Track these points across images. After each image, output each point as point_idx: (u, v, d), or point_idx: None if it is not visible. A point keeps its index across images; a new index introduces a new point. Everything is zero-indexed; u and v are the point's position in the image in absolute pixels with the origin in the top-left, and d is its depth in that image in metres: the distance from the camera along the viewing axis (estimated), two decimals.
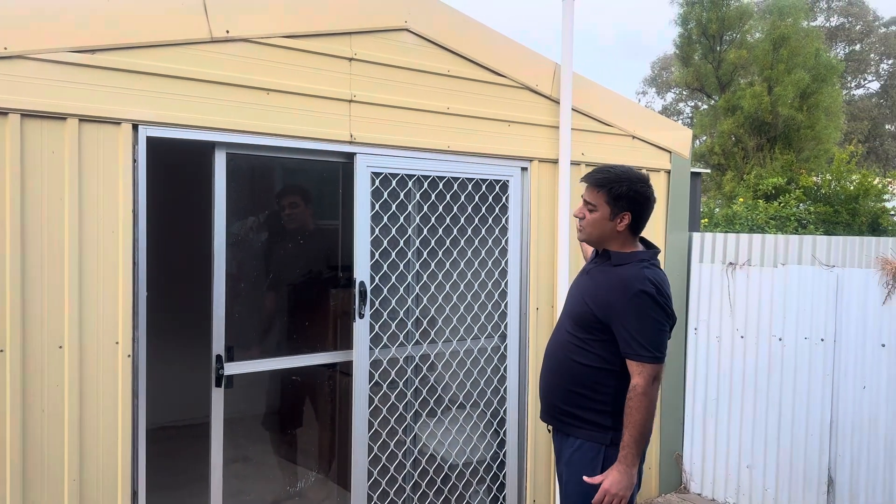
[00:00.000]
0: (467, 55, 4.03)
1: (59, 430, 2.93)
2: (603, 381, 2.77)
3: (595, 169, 2.87)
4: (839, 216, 14.96)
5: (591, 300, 2.78)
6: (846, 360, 4.51)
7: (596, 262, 2.92)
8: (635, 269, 2.74)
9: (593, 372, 2.77)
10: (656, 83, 39.70)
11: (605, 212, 2.80)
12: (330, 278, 4.24)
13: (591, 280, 2.87)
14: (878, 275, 4.35)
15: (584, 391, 2.79)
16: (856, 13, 37.64)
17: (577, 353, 2.81)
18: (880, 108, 38.00)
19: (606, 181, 2.79)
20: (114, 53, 2.99)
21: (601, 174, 2.83)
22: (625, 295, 2.68)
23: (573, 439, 2.84)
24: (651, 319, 2.67)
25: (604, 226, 2.81)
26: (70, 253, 2.92)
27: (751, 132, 18.80)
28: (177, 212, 5.09)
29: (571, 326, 2.85)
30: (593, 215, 2.82)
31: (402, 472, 4.03)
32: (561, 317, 2.99)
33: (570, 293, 2.99)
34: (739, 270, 5.02)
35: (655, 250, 2.90)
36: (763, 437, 4.85)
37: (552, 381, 2.91)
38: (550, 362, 2.94)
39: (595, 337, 2.76)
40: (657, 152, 5.03)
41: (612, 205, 2.78)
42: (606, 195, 2.78)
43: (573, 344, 2.82)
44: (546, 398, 2.96)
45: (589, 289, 2.84)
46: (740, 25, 20.05)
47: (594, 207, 2.82)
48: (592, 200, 2.82)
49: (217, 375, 3.40)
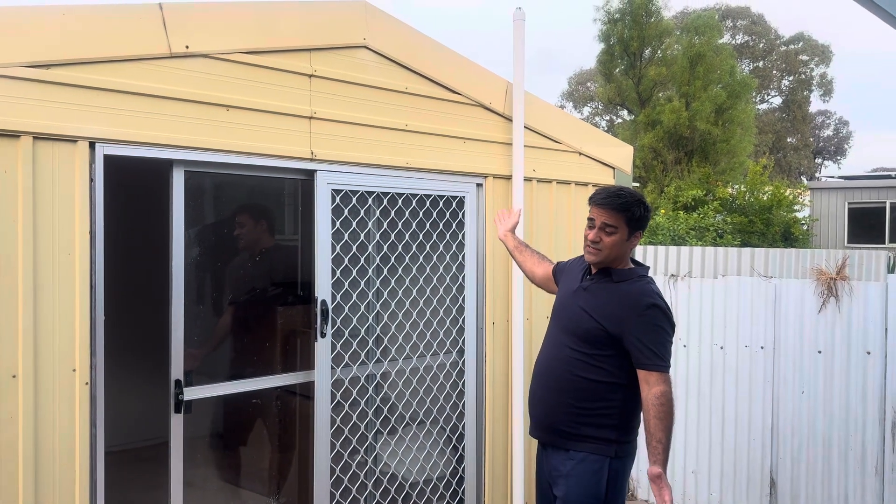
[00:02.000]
0: (424, 73, 4.05)
1: (14, 463, 2.76)
2: (610, 396, 2.85)
3: (607, 192, 2.94)
4: (754, 226, 15.71)
5: (601, 316, 2.85)
6: (785, 366, 4.73)
7: (592, 279, 2.98)
8: (641, 285, 2.88)
9: (601, 387, 2.85)
10: (573, 97, 40.73)
11: (624, 233, 2.90)
12: (290, 297, 4.16)
13: (594, 296, 2.93)
14: (813, 285, 4.59)
15: (591, 407, 2.86)
16: (759, 32, 39.70)
17: (583, 369, 2.87)
18: (783, 122, 40.11)
19: (628, 205, 2.89)
20: (69, 68, 2.87)
21: (621, 198, 2.90)
22: (636, 309, 2.80)
23: (574, 453, 2.89)
24: (662, 330, 2.80)
25: (622, 247, 2.91)
26: (24, 276, 2.77)
27: (670, 146, 19.51)
28: (134, 231, 4.92)
29: (575, 343, 2.90)
30: (613, 238, 2.89)
31: (364, 492, 3.99)
32: (553, 333, 3.04)
33: (564, 309, 3.03)
34: (681, 282, 5.20)
35: (646, 267, 3.03)
36: (707, 443, 5.03)
37: (553, 400, 2.94)
38: (548, 378, 2.97)
39: (603, 352, 2.84)
40: (602, 168, 5.16)
41: (632, 226, 2.90)
42: (626, 217, 2.89)
43: (578, 360, 2.88)
44: (545, 417, 2.98)
45: (594, 305, 2.90)
46: (660, 43, 20.82)
47: (615, 230, 2.89)
48: (613, 223, 2.88)
49: (176, 401, 3.29)
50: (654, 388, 2.75)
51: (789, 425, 4.71)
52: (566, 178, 4.83)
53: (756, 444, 4.83)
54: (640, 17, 20.33)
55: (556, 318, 3.06)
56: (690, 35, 19.95)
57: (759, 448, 4.82)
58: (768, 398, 4.80)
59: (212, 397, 3.60)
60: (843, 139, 44.84)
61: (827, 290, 4.53)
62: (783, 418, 4.73)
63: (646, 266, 3.04)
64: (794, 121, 39.91)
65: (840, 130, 44.82)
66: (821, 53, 39.20)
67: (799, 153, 40.41)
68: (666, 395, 2.74)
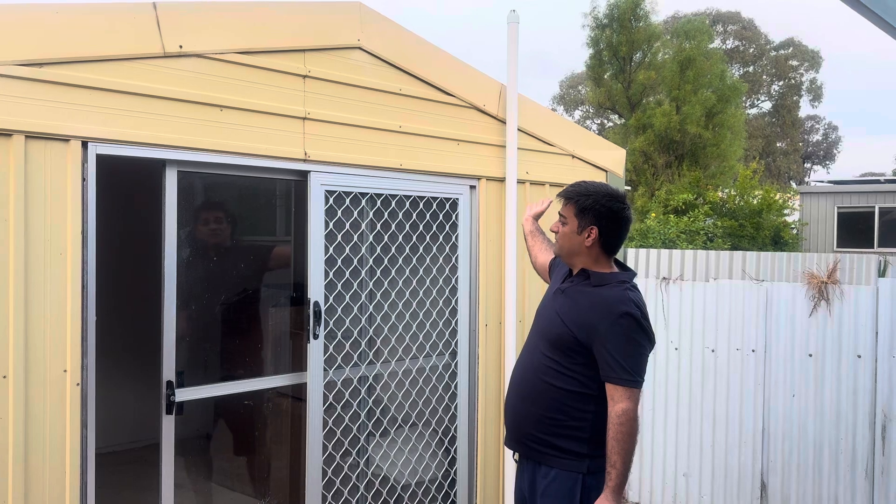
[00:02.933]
0: (418, 74, 4.05)
1: (3, 465, 2.74)
2: (581, 407, 2.66)
3: (572, 184, 2.87)
4: (744, 230, 15.78)
5: (571, 322, 2.68)
6: (776, 370, 4.75)
7: (572, 282, 2.82)
8: (618, 291, 2.68)
9: (571, 396, 2.66)
10: (565, 101, 40.86)
11: (573, 225, 2.77)
12: (282, 298, 4.15)
13: (570, 300, 2.76)
14: (804, 288, 4.61)
15: (560, 417, 2.67)
16: (749, 37, 39.94)
17: (553, 377, 2.69)
18: (772, 127, 40.36)
19: (574, 194, 2.79)
20: (62, 67, 2.85)
21: (571, 187, 2.83)
22: (608, 317, 2.60)
23: (546, 468, 2.71)
24: (635, 343, 2.60)
25: (572, 239, 2.78)
26: (15, 277, 2.75)
27: (660, 150, 19.58)
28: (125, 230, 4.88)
29: (547, 348, 2.73)
30: (564, 228, 2.80)
31: (356, 495, 3.98)
32: (531, 337, 2.88)
33: (542, 312, 2.89)
34: (673, 285, 5.22)
35: (632, 273, 2.87)
36: (698, 446, 5.04)
37: (523, 407, 2.77)
38: (521, 386, 2.79)
39: (574, 360, 2.66)
40: (594, 171, 5.16)
41: (580, 218, 2.75)
42: (574, 208, 2.77)
43: (549, 367, 2.70)
44: (516, 425, 2.80)
45: (567, 309, 2.74)
46: (649, 47, 20.91)
47: (565, 220, 2.80)
48: (564, 213, 2.81)
49: (168, 402, 3.27)
50: (616, 406, 2.55)
51: (780, 428, 4.73)
52: (559, 181, 4.83)
53: (747, 447, 4.84)
54: (628, 21, 20.41)
55: (535, 321, 2.91)
56: (681, 39, 20.05)
57: (751, 451, 4.83)
58: (759, 401, 4.81)
59: (203, 399, 3.57)
60: (832, 144, 45.15)
61: (818, 294, 4.56)
62: (774, 421, 4.75)
63: (631, 271, 2.87)
64: (783, 125, 40.16)
65: (829, 135, 45.14)
66: (811, 59, 39.48)
67: (788, 158, 40.66)
68: (627, 414, 2.53)
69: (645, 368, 2.65)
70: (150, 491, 3.46)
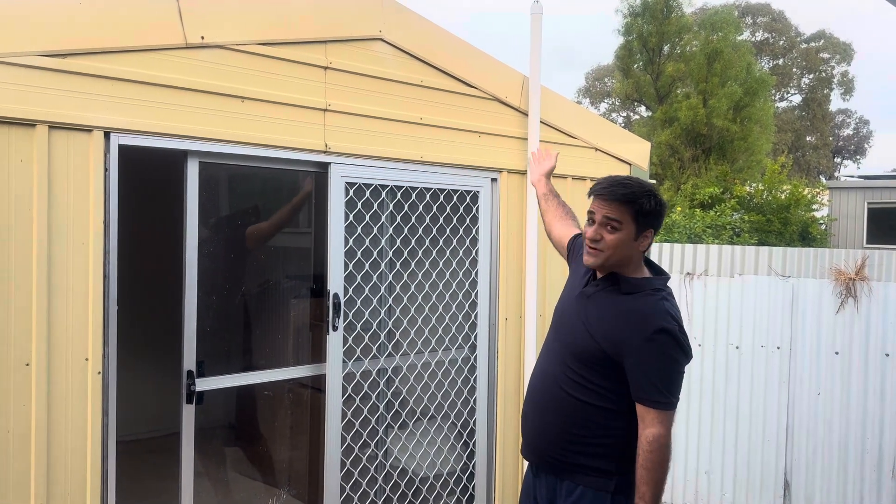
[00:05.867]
0: (439, 66, 4.02)
1: (26, 452, 2.78)
2: (608, 423, 2.42)
3: (610, 181, 2.48)
4: (772, 225, 15.56)
5: (601, 335, 2.40)
6: (801, 367, 4.67)
7: (597, 286, 2.51)
8: (653, 302, 2.38)
9: (597, 412, 2.42)
10: (590, 93, 40.56)
11: (630, 231, 2.40)
12: (302, 290, 4.16)
13: (596, 309, 2.46)
14: (831, 285, 4.53)
15: (585, 432, 2.43)
16: (779, 29, 39.32)
17: (577, 390, 2.44)
18: (802, 121, 39.75)
19: (635, 196, 2.40)
20: (85, 58, 2.87)
21: (627, 188, 2.42)
22: (642, 332, 2.32)
23: (570, 484, 2.47)
24: (671, 360, 2.33)
25: (628, 248, 2.41)
26: (38, 265, 2.78)
27: (687, 143, 19.37)
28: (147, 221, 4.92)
29: (571, 361, 2.46)
30: (617, 236, 2.39)
31: (374, 486, 3.98)
32: (551, 343, 2.60)
33: (565, 318, 2.58)
34: (697, 280, 5.15)
35: (667, 276, 2.54)
36: (721, 443, 4.98)
37: (545, 421, 2.51)
38: (543, 398, 2.53)
39: (601, 374, 2.40)
40: (618, 164, 5.11)
41: (640, 222, 2.41)
42: (633, 211, 2.39)
43: (573, 379, 2.44)
44: (537, 439, 2.56)
45: (595, 320, 2.44)
46: (679, 39, 20.67)
47: (619, 226, 2.39)
48: (617, 217, 2.39)
49: (188, 392, 3.29)
50: (647, 430, 2.30)
51: (804, 427, 4.66)
52: (582, 174, 4.79)
53: (770, 445, 4.78)
54: (660, 12, 20.18)
55: (556, 323, 2.61)
56: (708, 31, 19.78)
57: (774, 449, 4.77)
58: (783, 399, 4.74)
59: (223, 388, 3.59)
60: (863, 138, 44.38)
61: (845, 291, 4.47)
62: (798, 419, 4.68)
63: (665, 275, 2.53)
64: (813, 119, 39.54)
65: (860, 129, 44.36)
66: (842, 51, 38.78)
67: (818, 152, 40.04)
68: (659, 441, 2.28)
69: (681, 387, 2.40)
70: (171, 479, 3.49)
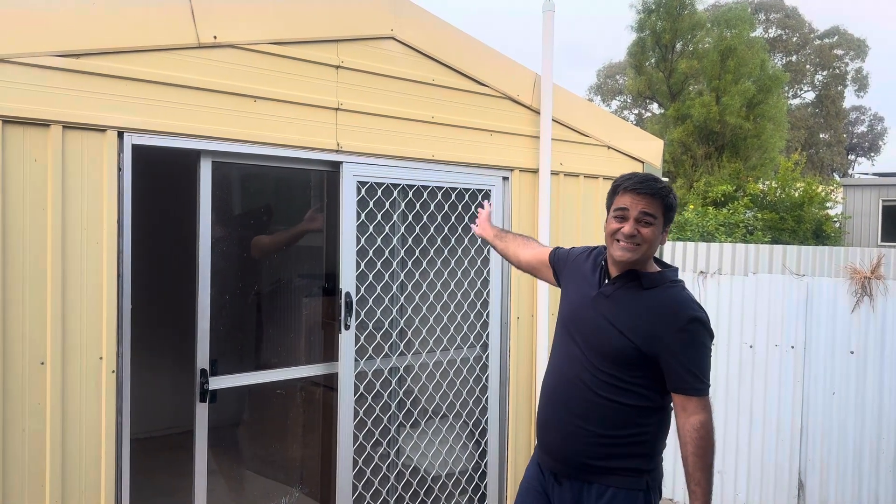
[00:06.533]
0: (451, 64, 4.02)
1: (41, 449, 2.80)
2: (645, 421, 2.45)
3: (641, 177, 2.50)
4: (785, 223, 15.45)
5: (631, 331, 2.41)
6: (816, 367, 4.64)
7: (616, 284, 2.52)
8: (676, 292, 2.44)
9: (636, 412, 2.44)
10: (602, 91, 40.40)
11: (660, 226, 2.46)
12: (314, 289, 4.17)
13: (621, 306, 2.47)
14: (847, 284, 4.49)
15: (622, 434, 2.45)
16: (792, 25, 39.02)
17: (615, 393, 2.44)
18: (815, 118, 39.45)
19: (666, 191, 2.46)
20: (99, 58, 2.88)
21: (658, 182, 2.46)
22: (675, 323, 2.37)
23: (600, 487, 2.47)
24: (704, 348, 2.39)
25: (657, 242, 2.46)
26: (52, 265, 2.79)
27: (699, 141, 19.27)
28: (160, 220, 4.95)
29: (601, 362, 2.46)
30: (652, 229, 2.43)
31: (386, 485, 3.99)
32: (569, 350, 2.56)
33: (584, 321, 2.55)
34: (710, 279, 5.12)
35: (675, 268, 2.60)
36: (734, 443, 4.95)
37: (573, 426, 2.50)
38: (567, 403, 2.52)
39: (636, 373, 2.42)
40: (631, 162, 5.09)
41: (667, 217, 2.48)
42: (664, 206, 2.45)
43: (607, 382, 2.44)
44: (563, 446, 2.54)
45: (625, 318, 2.44)
46: (692, 35, 20.57)
47: (653, 220, 2.43)
48: (652, 211, 2.43)
49: (201, 390, 3.30)
50: (692, 418, 2.35)
51: (819, 426, 4.63)
52: (594, 172, 4.77)
53: (784, 445, 4.74)
54: (674, 8, 20.07)
55: (571, 327, 2.58)
56: (721, 28, 19.66)
57: (788, 449, 4.73)
58: (798, 398, 4.71)
59: (236, 386, 3.60)
60: (877, 135, 44.01)
61: (861, 290, 4.43)
62: (813, 419, 4.65)
63: (675, 267, 2.59)
64: (827, 116, 39.24)
65: (875, 126, 43.99)
66: (856, 47, 38.46)
67: (832, 149, 39.72)
68: (706, 427, 2.34)
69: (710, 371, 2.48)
70: (185, 476, 3.51)
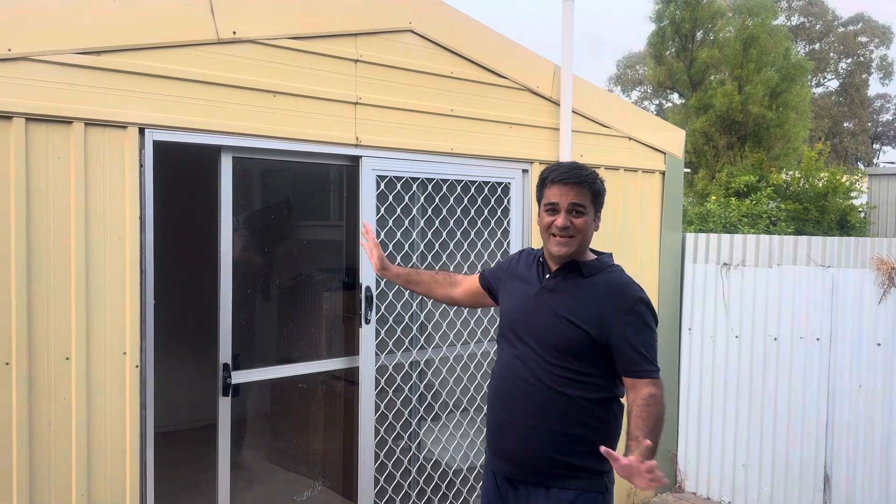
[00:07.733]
0: (470, 56, 4.00)
1: (67, 444, 2.83)
2: (602, 415, 2.39)
3: (566, 167, 2.45)
4: (809, 213, 15.22)
5: (581, 319, 2.34)
6: (842, 359, 4.57)
7: (556, 277, 2.45)
8: (618, 276, 2.43)
9: (594, 404, 2.37)
10: (622, 81, 40.06)
11: (591, 214, 2.42)
12: (335, 283, 4.18)
13: (567, 297, 2.40)
14: (873, 275, 4.42)
15: (583, 431, 2.36)
16: (815, 13, 38.40)
17: (572, 387, 2.35)
18: (839, 107, 38.84)
19: (592, 177, 2.42)
20: (120, 55, 2.90)
21: (583, 169, 2.43)
22: (622, 304, 2.34)
23: (559, 490, 2.37)
24: (650, 329, 2.37)
25: (591, 231, 2.44)
26: (76, 261, 2.82)
27: (721, 131, 19.04)
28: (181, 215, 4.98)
29: (555, 356, 2.36)
30: (584, 219, 2.39)
31: (408, 478, 3.99)
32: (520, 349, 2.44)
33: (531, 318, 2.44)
34: (734, 270, 5.07)
35: (609, 254, 2.57)
36: (758, 436, 4.90)
37: (535, 428, 2.38)
38: (525, 404, 2.39)
39: (590, 362, 2.35)
40: (652, 153, 5.04)
41: (596, 204, 2.45)
42: (592, 194, 2.42)
43: (562, 376, 2.35)
44: (523, 449, 2.41)
45: (571, 307, 2.37)
46: (712, 24, 20.31)
47: (584, 210, 2.39)
48: (582, 201, 2.39)
49: (224, 385, 3.32)
50: (642, 390, 2.28)
51: (845, 420, 4.56)
52: (615, 164, 4.74)
53: (810, 439, 4.69)
54: None
55: (519, 329, 2.46)
56: (744, 16, 19.39)
57: (814, 442, 4.68)
58: (823, 391, 4.65)
59: (259, 381, 3.63)
60: None
61: (888, 280, 4.36)
62: (839, 412, 4.59)
63: (609, 253, 2.56)
64: (851, 105, 38.61)
65: None
66: (881, 34, 37.79)
67: (856, 138, 39.09)
68: (655, 397, 2.27)
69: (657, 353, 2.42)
70: (208, 469, 3.53)
